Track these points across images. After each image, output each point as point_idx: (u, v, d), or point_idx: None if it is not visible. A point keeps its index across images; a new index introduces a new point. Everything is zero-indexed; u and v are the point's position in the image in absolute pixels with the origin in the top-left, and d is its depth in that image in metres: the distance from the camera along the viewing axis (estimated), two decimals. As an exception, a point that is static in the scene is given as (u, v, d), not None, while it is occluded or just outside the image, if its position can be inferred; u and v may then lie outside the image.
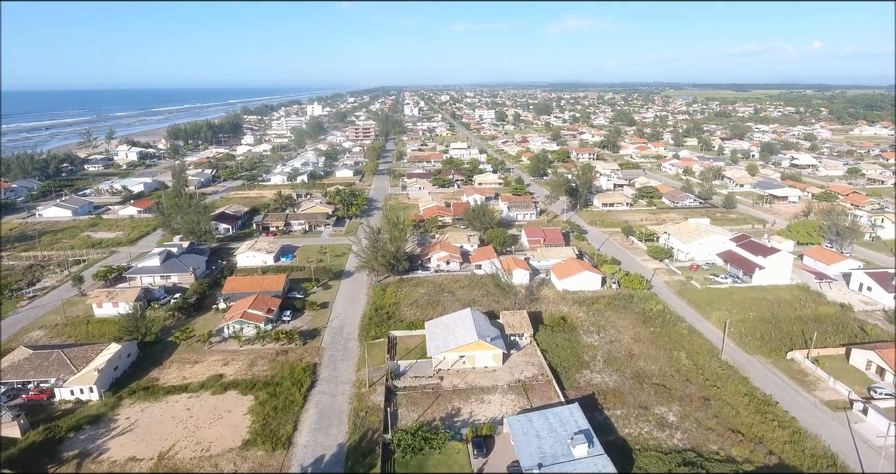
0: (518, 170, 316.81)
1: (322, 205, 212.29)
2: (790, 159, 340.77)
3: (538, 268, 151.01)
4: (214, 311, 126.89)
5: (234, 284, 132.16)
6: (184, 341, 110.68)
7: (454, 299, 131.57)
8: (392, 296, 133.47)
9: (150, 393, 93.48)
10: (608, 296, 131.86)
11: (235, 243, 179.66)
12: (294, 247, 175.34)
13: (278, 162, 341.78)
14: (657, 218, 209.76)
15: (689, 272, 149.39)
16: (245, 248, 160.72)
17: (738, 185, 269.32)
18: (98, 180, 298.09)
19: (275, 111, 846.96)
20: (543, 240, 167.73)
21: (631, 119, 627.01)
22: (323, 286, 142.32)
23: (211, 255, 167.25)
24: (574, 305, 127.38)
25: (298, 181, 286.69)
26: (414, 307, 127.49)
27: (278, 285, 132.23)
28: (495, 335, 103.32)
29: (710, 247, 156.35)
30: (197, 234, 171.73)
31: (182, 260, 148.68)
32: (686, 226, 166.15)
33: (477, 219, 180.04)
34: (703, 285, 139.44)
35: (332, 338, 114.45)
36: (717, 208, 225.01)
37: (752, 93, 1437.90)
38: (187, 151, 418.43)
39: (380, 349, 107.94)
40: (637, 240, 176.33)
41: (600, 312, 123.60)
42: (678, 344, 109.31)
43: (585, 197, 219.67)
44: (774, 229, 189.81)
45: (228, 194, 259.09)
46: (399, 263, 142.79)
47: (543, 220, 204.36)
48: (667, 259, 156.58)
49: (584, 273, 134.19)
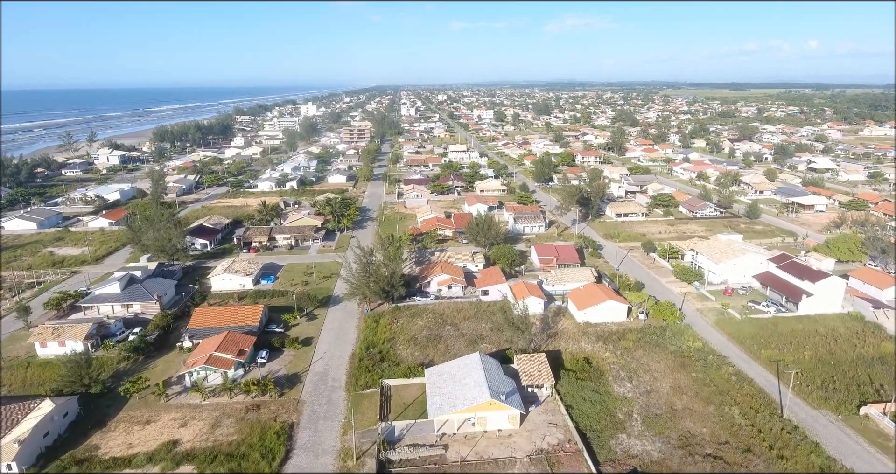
0: (521, 175, 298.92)
1: (311, 216, 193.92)
2: (807, 163, 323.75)
3: (553, 292, 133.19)
4: (178, 350, 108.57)
5: (203, 318, 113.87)
6: (136, 393, 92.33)
7: (458, 334, 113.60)
8: (386, 329, 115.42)
9: (85, 469, 75.24)
10: (635, 330, 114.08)
11: (213, 261, 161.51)
12: (277, 266, 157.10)
13: (267, 166, 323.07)
14: (676, 230, 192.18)
15: (723, 298, 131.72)
16: (220, 270, 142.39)
17: (758, 192, 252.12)
18: (74, 187, 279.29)
19: (268, 111, 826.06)
20: (556, 259, 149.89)
21: (634, 119, 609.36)
22: (307, 316, 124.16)
23: (183, 277, 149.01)
24: (598, 342, 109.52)
25: (287, 188, 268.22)
26: (412, 344, 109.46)
27: (254, 318, 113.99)
28: (510, 389, 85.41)
29: (745, 268, 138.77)
30: (168, 253, 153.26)
31: (147, 285, 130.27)
32: (716, 244, 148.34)
33: (481, 233, 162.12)
34: (742, 314, 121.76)
35: (314, 386, 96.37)
36: (740, 218, 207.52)
37: (751, 92, 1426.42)
38: (173, 154, 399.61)
39: (371, 402, 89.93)
40: (659, 258, 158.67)
41: (629, 351, 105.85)
42: (727, 394, 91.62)
43: (598, 207, 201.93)
44: (809, 244, 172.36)
45: (211, 203, 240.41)
46: (395, 290, 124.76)
47: (553, 233, 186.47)
48: (696, 281, 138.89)
49: (608, 302, 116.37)
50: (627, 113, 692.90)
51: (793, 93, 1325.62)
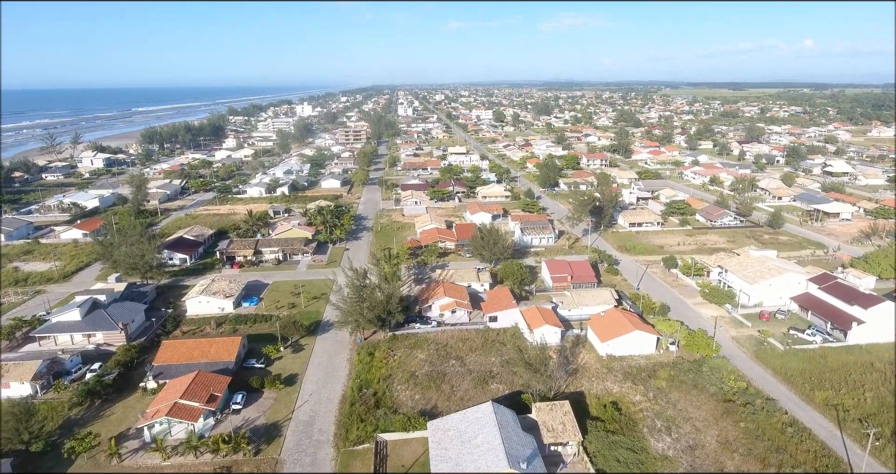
0: (524, 179, 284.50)
1: (301, 227, 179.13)
2: (822, 166, 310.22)
3: (569, 318, 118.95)
4: (142, 392, 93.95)
5: (171, 352, 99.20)
6: (83, 453, 77.65)
7: (464, 370, 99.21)
8: (382, 364, 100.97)
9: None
10: (667, 365, 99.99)
11: (192, 278, 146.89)
12: (262, 285, 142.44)
13: (258, 170, 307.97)
14: (696, 241, 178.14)
15: (761, 323, 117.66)
16: (197, 291, 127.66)
17: (776, 198, 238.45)
18: (54, 192, 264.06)
19: (263, 111, 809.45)
20: (571, 277, 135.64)
21: (636, 120, 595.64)
22: (292, 347, 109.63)
23: (156, 298, 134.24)
24: (626, 381, 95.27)
25: (278, 193, 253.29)
26: (411, 384, 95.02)
27: (230, 352, 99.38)
28: (531, 451, 71.08)
29: (782, 289, 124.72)
30: (141, 271, 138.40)
31: (112, 311, 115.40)
32: (748, 261, 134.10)
33: (486, 247, 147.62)
34: (785, 345, 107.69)
35: (297, 440, 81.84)
36: (762, 228, 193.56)
37: (750, 91, 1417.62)
38: (161, 157, 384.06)
39: (363, 463, 75.62)
40: (682, 275, 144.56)
41: (663, 393, 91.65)
42: (785, 451, 77.48)
43: (611, 216, 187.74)
44: (842, 258, 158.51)
45: (196, 210, 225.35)
46: (392, 316, 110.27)
47: (564, 246, 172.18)
48: (728, 304, 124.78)
49: (635, 333, 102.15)
50: (629, 113, 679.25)
51: (792, 92, 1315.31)
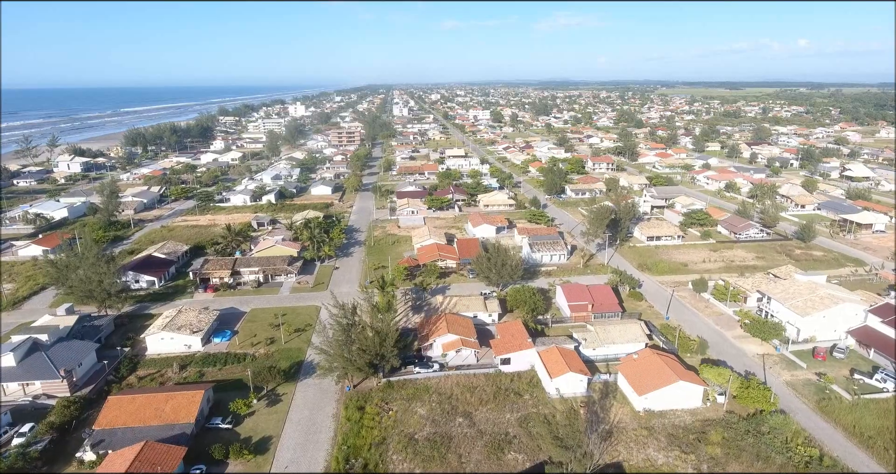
0: (528, 185, 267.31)
1: (285, 243, 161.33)
2: (841, 170, 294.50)
3: (594, 359, 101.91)
4: (77, 466, 76.24)
5: (117, 412, 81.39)
6: None
7: (474, 432, 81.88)
8: (374, 424, 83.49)
9: None
10: (717, 422, 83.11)
11: (160, 305, 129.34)
12: (238, 314, 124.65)
13: (245, 175, 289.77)
14: (722, 257, 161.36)
15: (816, 363, 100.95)
16: (159, 326, 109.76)
17: (799, 207, 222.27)
18: (24, 200, 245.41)
19: (255, 111, 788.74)
20: (591, 306, 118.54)
21: (638, 121, 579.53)
22: (267, 397, 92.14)
23: (113, 333, 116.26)
24: (671, 447, 78.15)
25: (264, 201, 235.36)
26: (410, 453, 77.64)
27: (189, 412, 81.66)
28: None
29: (837, 321, 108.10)
30: (98, 299, 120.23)
31: (55, 353, 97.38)
32: (795, 288, 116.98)
33: (493, 269, 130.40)
34: (851, 392, 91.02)
35: (265, 538, 64.49)
36: (791, 241, 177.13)
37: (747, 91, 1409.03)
38: (144, 160, 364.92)
39: None
40: (715, 300, 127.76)
41: (718, 464, 74.68)
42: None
43: (627, 228, 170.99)
44: (888, 278, 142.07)
45: (173, 221, 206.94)
46: (386, 361, 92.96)
47: (578, 264, 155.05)
48: (776, 339, 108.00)
49: (678, 384, 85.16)
50: (629, 113, 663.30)
51: (790, 91, 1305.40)
